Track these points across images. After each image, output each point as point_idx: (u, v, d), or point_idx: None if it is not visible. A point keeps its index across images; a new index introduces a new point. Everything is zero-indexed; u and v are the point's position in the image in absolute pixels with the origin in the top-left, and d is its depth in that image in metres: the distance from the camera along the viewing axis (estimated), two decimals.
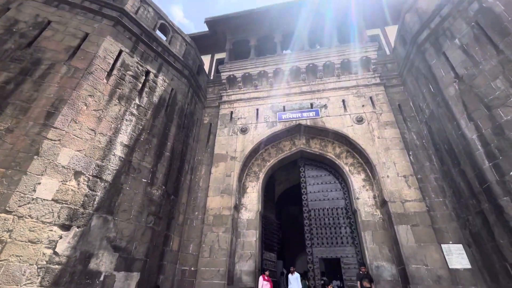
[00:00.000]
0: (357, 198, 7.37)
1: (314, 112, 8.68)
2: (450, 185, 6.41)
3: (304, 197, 8.32)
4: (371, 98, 8.50)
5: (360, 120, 8.10)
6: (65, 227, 4.59)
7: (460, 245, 5.87)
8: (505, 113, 4.94)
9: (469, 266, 5.61)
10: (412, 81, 8.11)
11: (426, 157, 7.24)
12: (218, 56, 12.62)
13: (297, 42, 10.64)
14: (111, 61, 6.46)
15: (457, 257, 5.75)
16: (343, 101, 8.68)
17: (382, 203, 6.91)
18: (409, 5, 8.16)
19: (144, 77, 7.28)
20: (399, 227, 6.23)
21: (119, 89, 6.43)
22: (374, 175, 7.41)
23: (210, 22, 11.24)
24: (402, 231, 6.16)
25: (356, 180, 7.70)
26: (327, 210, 7.97)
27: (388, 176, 6.98)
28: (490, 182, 5.04)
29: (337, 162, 8.19)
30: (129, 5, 7.57)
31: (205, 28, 11.99)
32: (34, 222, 4.26)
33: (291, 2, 10.38)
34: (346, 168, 7.97)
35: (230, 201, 7.52)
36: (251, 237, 7.44)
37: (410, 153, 7.39)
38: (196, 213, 7.76)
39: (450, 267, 5.65)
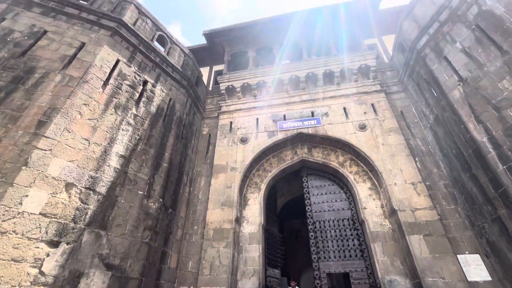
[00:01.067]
0: (364, 208, 7.04)
1: (315, 121, 8.51)
2: (461, 192, 6.14)
3: (308, 208, 7.97)
4: (372, 105, 8.38)
5: (363, 127, 7.92)
6: (53, 244, 4.22)
7: (477, 255, 5.51)
8: None
9: (489, 278, 5.23)
10: (413, 87, 8.03)
11: (433, 163, 7.01)
12: (216, 68, 12.62)
13: (296, 52, 10.68)
14: (108, 70, 6.31)
15: (475, 268, 5.38)
16: (344, 108, 8.55)
17: (391, 212, 6.58)
18: (406, 13, 8.23)
19: (141, 87, 7.12)
20: (411, 237, 5.88)
21: (116, 98, 6.24)
22: (380, 183, 7.13)
23: (208, 34, 11.31)
24: (415, 242, 5.80)
25: (362, 189, 7.40)
26: (333, 221, 7.60)
27: (395, 184, 6.70)
28: (506, 186, 4.78)
29: (341, 171, 7.92)
30: (128, 17, 7.55)
31: (202, 43, 12.09)
32: (19, 238, 3.90)
33: (288, 14, 10.51)
34: (350, 177, 7.69)
35: (231, 214, 7.15)
36: (254, 252, 7.01)
37: (417, 159, 7.16)
38: (196, 227, 7.36)
39: (468, 279, 5.26)
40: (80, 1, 7.55)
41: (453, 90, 6.16)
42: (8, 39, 5.69)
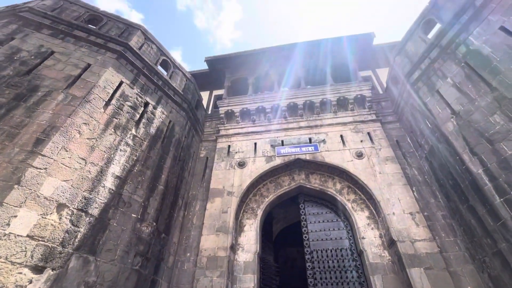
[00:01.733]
0: (363, 238, 6.89)
1: (313, 147, 8.60)
2: (460, 223, 6.10)
3: (305, 237, 7.75)
4: (369, 133, 8.57)
5: (360, 155, 8.02)
6: (38, 270, 3.95)
7: None
8: (509, 147, 4.92)
9: None
10: (408, 118, 8.29)
11: (430, 193, 7.03)
12: (216, 92, 12.91)
13: (294, 80, 11.07)
14: (111, 91, 6.39)
15: None
16: (341, 136, 8.70)
17: (390, 243, 6.44)
18: (399, 49, 8.75)
19: (142, 108, 7.19)
20: (412, 270, 5.70)
21: (116, 118, 6.26)
22: (378, 212, 7.06)
23: (210, 61, 11.71)
24: (416, 275, 5.62)
25: (360, 218, 7.30)
26: (331, 251, 7.38)
27: (394, 213, 6.64)
28: (504, 219, 4.78)
29: (338, 199, 7.85)
30: (134, 41, 7.83)
31: (204, 68, 12.50)
32: (2, 263, 3.65)
33: (287, 44, 11.05)
34: (348, 205, 7.62)
35: (226, 241, 6.89)
36: (249, 283, 6.66)
37: (414, 189, 7.18)
38: (188, 254, 7.02)
39: None
40: (89, 25, 7.87)
41: (447, 123, 6.38)
42: (15, 58, 5.79)
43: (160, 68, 8.90)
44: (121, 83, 6.81)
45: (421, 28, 7.92)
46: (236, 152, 9.08)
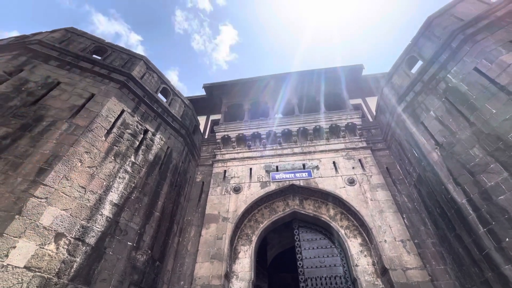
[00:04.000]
0: (356, 265, 6.97)
1: (306, 173, 8.86)
2: (449, 251, 6.28)
3: (300, 264, 7.78)
4: (360, 160, 8.90)
5: (351, 182, 8.28)
6: None
7: None
8: (488, 179, 5.25)
9: None
10: (396, 146, 8.70)
11: (420, 220, 7.25)
12: (213, 117, 13.29)
13: (288, 107, 11.59)
14: (112, 120, 6.66)
15: None
16: (334, 162, 9.02)
17: (383, 271, 6.54)
18: (386, 80, 9.35)
19: (142, 135, 7.43)
20: None
21: (116, 146, 6.47)
22: (371, 239, 7.20)
23: (208, 88, 12.22)
24: None
25: (353, 245, 7.42)
26: (325, 279, 7.39)
27: (385, 241, 6.80)
28: (488, 248, 5.00)
29: (332, 225, 7.99)
30: (136, 71, 8.25)
31: (197, 90, 13.07)
32: None
33: (282, 74, 11.69)
34: (341, 231, 7.75)
35: (221, 268, 6.88)
36: None
37: (404, 216, 7.40)
38: (182, 282, 6.96)
39: None
40: (95, 55, 8.30)
41: (432, 153, 6.76)
42: (23, 89, 6.07)
43: (160, 96, 9.28)
44: (122, 111, 7.10)
45: (405, 63, 8.56)
46: (231, 177, 9.26)
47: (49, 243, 4.44)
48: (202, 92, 12.82)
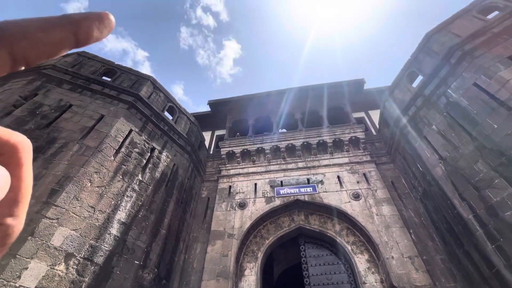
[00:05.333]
0: (364, 283, 6.86)
1: (311, 188, 8.88)
2: (459, 268, 6.16)
3: (307, 281, 7.67)
4: (364, 174, 8.91)
5: (356, 197, 8.27)
6: None
7: None
8: (494, 195, 5.23)
9: None
10: (400, 160, 8.70)
11: (428, 236, 7.15)
12: (218, 132, 13.53)
13: (291, 122, 11.75)
14: (121, 140, 6.89)
15: None
16: (338, 177, 9.03)
17: None
18: (388, 94, 9.47)
19: (149, 154, 7.64)
20: None
21: (124, 165, 6.67)
22: (378, 255, 7.11)
23: (212, 104, 12.52)
24: None
25: (360, 261, 7.32)
26: None
27: (393, 257, 6.71)
28: (498, 266, 4.92)
29: (338, 240, 7.93)
30: (144, 91, 8.56)
31: (201, 103, 13.40)
32: None
33: (285, 89, 11.94)
34: (348, 247, 7.67)
35: (227, 287, 6.85)
36: None
37: (411, 231, 7.31)
38: None
39: None
40: (105, 77, 8.68)
41: (436, 167, 6.76)
42: (37, 112, 6.38)
43: (166, 114, 9.56)
44: (130, 131, 7.35)
45: (406, 77, 8.69)
46: (237, 193, 9.33)
47: (59, 263, 4.56)
48: (207, 105, 13.14)
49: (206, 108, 13.34)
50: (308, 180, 9.23)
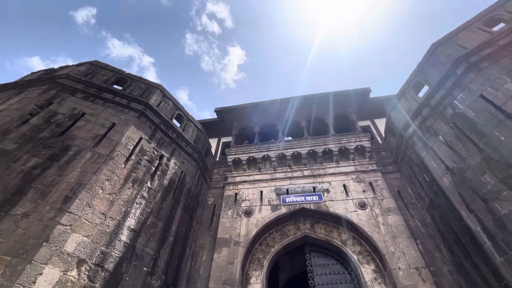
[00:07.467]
0: None
1: (317, 196, 8.91)
2: (467, 280, 6.10)
3: None
4: (370, 183, 8.91)
5: (362, 206, 8.27)
6: None
7: None
8: (502, 207, 5.21)
9: None
10: (406, 169, 8.70)
11: (435, 246, 7.11)
12: (224, 139, 13.68)
13: (297, 130, 11.86)
14: (131, 147, 7.07)
15: None
16: (344, 186, 9.06)
17: None
18: (394, 103, 9.52)
19: (158, 161, 7.79)
20: None
21: (134, 173, 6.82)
22: (384, 266, 7.08)
23: (219, 112, 12.71)
24: None
25: (367, 271, 7.29)
26: None
27: (399, 268, 6.67)
28: (507, 280, 4.88)
29: (344, 250, 7.91)
30: (153, 100, 8.78)
31: (205, 108, 13.61)
32: None
33: (289, 98, 12.06)
34: (354, 257, 7.65)
35: None
36: None
37: (418, 242, 7.28)
38: None
39: None
40: (116, 85, 8.93)
41: (443, 178, 6.76)
42: (52, 120, 6.61)
43: (175, 121, 9.75)
44: (140, 138, 7.53)
45: (412, 87, 8.75)
46: (243, 200, 9.40)
47: (72, 269, 4.68)
48: (211, 110, 13.40)
49: (210, 113, 13.63)
50: (314, 188, 9.27)
